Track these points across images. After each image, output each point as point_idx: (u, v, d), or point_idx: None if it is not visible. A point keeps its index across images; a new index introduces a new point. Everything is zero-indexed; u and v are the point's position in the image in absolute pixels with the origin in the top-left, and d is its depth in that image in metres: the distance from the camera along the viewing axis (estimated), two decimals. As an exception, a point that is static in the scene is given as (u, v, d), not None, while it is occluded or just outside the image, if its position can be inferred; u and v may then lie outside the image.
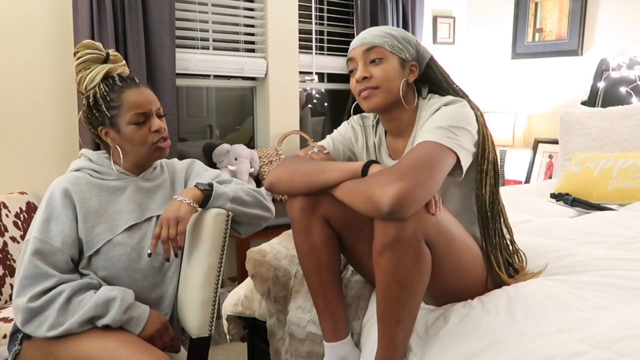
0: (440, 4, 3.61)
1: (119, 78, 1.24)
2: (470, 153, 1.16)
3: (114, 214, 1.23)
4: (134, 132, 1.22)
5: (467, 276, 1.19)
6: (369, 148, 1.38)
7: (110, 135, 1.24)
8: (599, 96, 2.90)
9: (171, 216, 1.20)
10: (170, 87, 2.44)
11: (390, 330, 1.08)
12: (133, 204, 1.25)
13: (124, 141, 1.24)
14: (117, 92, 1.21)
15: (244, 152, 2.72)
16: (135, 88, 1.24)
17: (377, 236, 1.03)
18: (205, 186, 1.26)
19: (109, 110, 1.21)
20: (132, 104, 1.22)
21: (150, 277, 1.25)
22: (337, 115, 3.49)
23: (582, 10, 3.09)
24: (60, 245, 1.16)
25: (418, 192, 0.98)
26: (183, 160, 1.44)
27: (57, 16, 2.24)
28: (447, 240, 1.11)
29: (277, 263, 1.49)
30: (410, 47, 1.26)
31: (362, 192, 1.03)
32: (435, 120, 1.15)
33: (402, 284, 1.03)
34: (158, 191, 1.32)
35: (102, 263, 1.21)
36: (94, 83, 1.22)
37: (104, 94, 1.21)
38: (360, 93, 1.25)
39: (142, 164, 1.30)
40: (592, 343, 0.93)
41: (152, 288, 1.26)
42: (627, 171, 2.16)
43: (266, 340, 1.53)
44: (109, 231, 1.21)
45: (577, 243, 1.52)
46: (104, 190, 1.24)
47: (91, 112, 1.23)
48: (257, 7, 2.86)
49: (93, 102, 1.22)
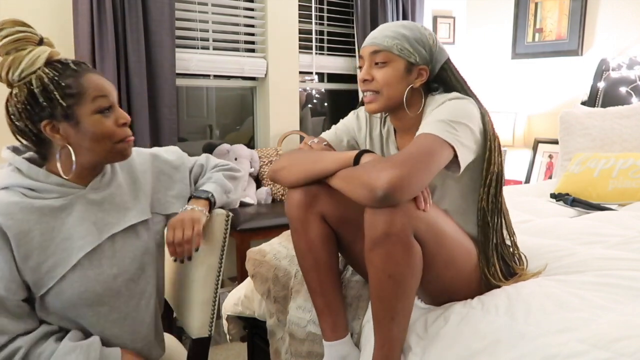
0: (440, 4, 3.61)
1: (71, 61, 0.99)
2: (470, 150, 1.15)
3: (63, 242, 0.98)
4: (99, 123, 0.98)
5: (462, 273, 1.19)
6: (373, 138, 1.38)
7: (61, 130, 0.97)
8: (599, 96, 2.90)
9: (186, 217, 1.10)
10: (170, 87, 2.44)
11: (385, 327, 1.09)
12: (86, 224, 1.00)
13: (82, 137, 0.98)
14: (73, 77, 0.97)
15: (244, 152, 2.72)
16: (93, 73, 1.00)
17: (367, 233, 1.04)
18: (204, 194, 1.19)
19: (64, 98, 0.95)
20: (95, 89, 0.98)
21: (119, 308, 1.06)
22: (337, 115, 3.48)
23: (582, 10, 3.09)
24: (5, 292, 0.94)
25: (411, 179, 1.00)
26: (139, 155, 1.18)
27: (57, 16, 2.24)
28: (438, 236, 1.11)
29: (277, 263, 1.49)
30: (422, 50, 1.22)
31: (357, 177, 1.04)
32: (437, 114, 1.15)
33: (394, 279, 1.04)
34: (115, 200, 1.07)
35: (58, 304, 0.99)
36: (35, 66, 0.95)
37: (54, 79, 0.95)
38: (365, 94, 1.26)
39: (95, 168, 1.05)
40: (592, 343, 0.93)
41: (123, 320, 1.06)
42: (627, 171, 2.16)
43: (266, 340, 1.53)
44: (60, 266, 0.97)
45: (577, 243, 1.52)
46: (45, 215, 0.97)
47: (32, 102, 0.95)
48: (257, 7, 2.86)
49: (39, 90, 0.94)
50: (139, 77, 2.33)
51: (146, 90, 2.36)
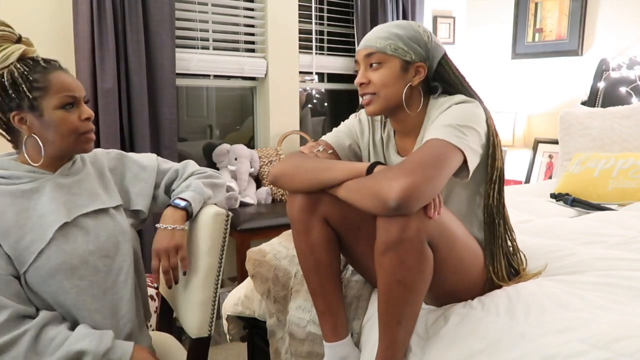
0: (440, 4, 3.61)
1: (42, 59, 1.08)
2: (477, 154, 1.14)
3: (38, 220, 1.05)
4: (63, 118, 1.06)
5: (468, 277, 1.19)
6: (376, 143, 1.37)
7: (28, 121, 1.05)
8: (599, 96, 2.90)
9: (169, 246, 1.15)
10: (170, 87, 2.44)
11: (391, 330, 1.08)
12: (55, 203, 1.07)
13: (47, 129, 1.06)
14: (41, 73, 1.05)
15: (244, 152, 2.72)
16: (62, 71, 1.08)
17: (379, 236, 1.02)
18: (181, 203, 1.20)
19: (31, 91, 1.03)
20: (60, 85, 1.06)
21: (98, 283, 1.10)
22: (337, 115, 3.49)
23: (582, 10, 3.09)
24: None
25: (425, 187, 0.98)
26: (108, 154, 1.25)
27: (57, 16, 2.24)
28: (450, 241, 1.10)
29: (277, 263, 1.49)
30: (417, 47, 1.21)
31: (368, 188, 1.02)
32: (445, 118, 1.14)
33: (404, 285, 1.03)
34: (83, 185, 1.13)
35: (40, 279, 1.04)
36: (8, 62, 1.04)
37: (23, 73, 1.03)
38: (363, 97, 1.25)
39: (62, 157, 1.12)
40: (592, 343, 0.93)
41: (103, 295, 1.10)
42: (627, 171, 2.16)
43: (266, 340, 1.53)
44: (37, 242, 1.03)
45: (577, 243, 1.52)
46: (17, 198, 1.05)
47: (2, 94, 1.04)
48: (257, 7, 2.86)
49: (9, 83, 1.03)
50: (139, 77, 2.33)
51: (146, 90, 2.36)
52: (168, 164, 1.32)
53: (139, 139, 2.35)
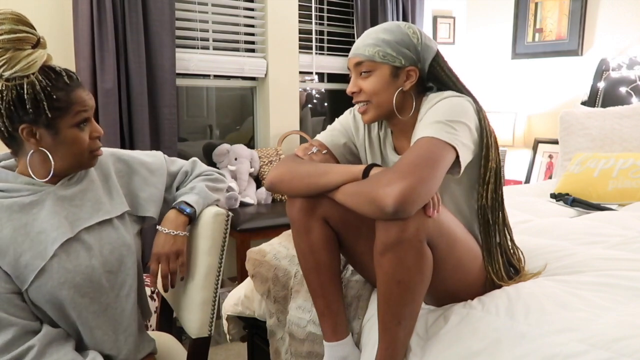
0: (440, 4, 3.61)
1: (64, 72, 1.01)
2: (469, 150, 1.14)
3: (38, 236, 0.99)
4: (76, 137, 1.01)
5: (467, 277, 1.19)
6: (372, 140, 1.36)
7: (38, 135, 0.98)
8: (599, 96, 2.90)
9: (170, 251, 1.14)
10: (170, 87, 2.44)
11: (391, 330, 1.08)
12: (57, 218, 1.01)
13: (58, 146, 1.00)
14: (64, 91, 0.98)
15: (244, 152, 2.72)
16: (81, 88, 1.02)
17: (379, 236, 1.03)
18: (187, 209, 1.19)
19: (51, 110, 0.97)
20: (81, 105, 1.01)
21: (100, 299, 1.06)
22: (337, 115, 3.46)
23: (582, 10, 3.09)
24: None
25: (421, 189, 0.98)
26: (113, 155, 1.19)
27: (57, 16, 2.24)
28: (449, 241, 1.10)
29: (277, 263, 1.49)
30: (407, 51, 1.19)
31: (365, 194, 1.02)
32: (434, 114, 1.13)
33: (404, 285, 1.03)
34: (86, 196, 1.08)
35: (42, 298, 0.99)
36: (30, 71, 0.95)
37: (46, 89, 0.96)
38: (357, 104, 1.26)
39: (68, 173, 1.07)
40: (592, 343, 0.93)
41: (104, 311, 1.07)
42: (627, 171, 2.16)
43: (266, 340, 1.53)
44: (37, 259, 0.98)
45: (577, 243, 1.52)
46: (15, 212, 0.99)
47: (18, 105, 0.95)
48: (257, 7, 2.86)
49: (30, 97, 0.95)
50: (139, 77, 2.33)
51: (146, 90, 2.36)
52: (175, 164, 1.29)
53: (139, 139, 2.35)
